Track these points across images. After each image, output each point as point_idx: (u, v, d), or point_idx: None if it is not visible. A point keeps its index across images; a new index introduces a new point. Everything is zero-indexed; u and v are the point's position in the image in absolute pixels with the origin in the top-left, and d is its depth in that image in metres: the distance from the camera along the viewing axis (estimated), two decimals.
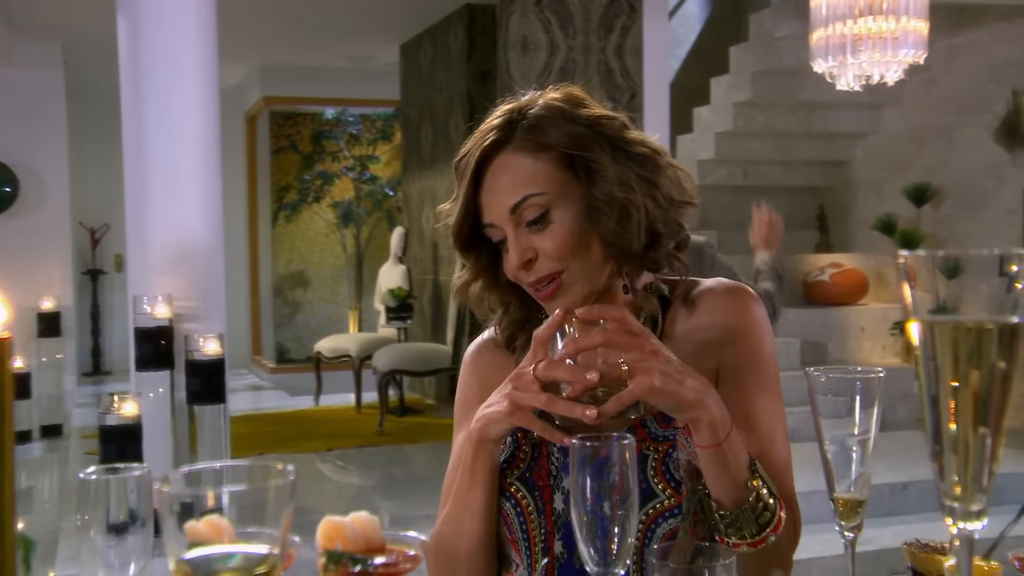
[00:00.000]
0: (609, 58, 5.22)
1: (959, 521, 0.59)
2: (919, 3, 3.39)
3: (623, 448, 0.91)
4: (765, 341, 1.20)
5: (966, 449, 0.57)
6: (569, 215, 1.15)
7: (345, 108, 9.02)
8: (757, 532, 1.06)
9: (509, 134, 1.17)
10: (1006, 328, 0.57)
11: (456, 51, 6.41)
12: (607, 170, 1.15)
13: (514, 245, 1.16)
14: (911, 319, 0.59)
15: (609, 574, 0.92)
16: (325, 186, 9.11)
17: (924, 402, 0.59)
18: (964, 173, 5.94)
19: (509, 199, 1.15)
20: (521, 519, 1.21)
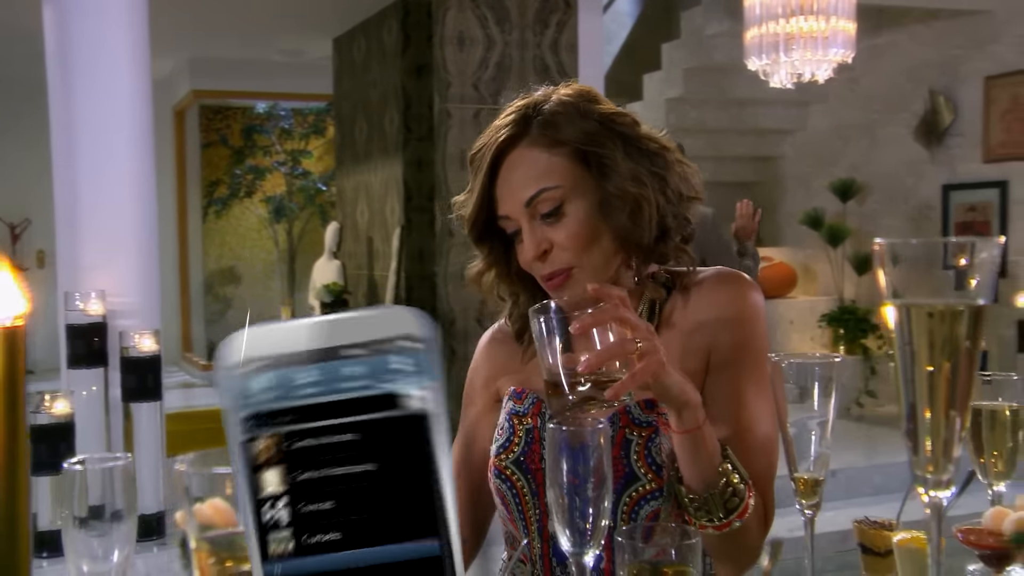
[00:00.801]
0: (545, 54, 5.26)
1: (931, 490, 0.63)
2: (847, 4, 3.50)
3: (599, 433, 0.95)
4: (758, 329, 1.24)
5: (938, 427, 0.62)
6: (582, 208, 1.19)
7: (277, 102, 8.92)
8: (725, 516, 1.11)
9: (524, 129, 1.21)
10: (972, 310, 0.61)
11: (390, 46, 6.39)
12: (619, 165, 1.19)
13: (529, 237, 1.19)
14: (887, 303, 0.63)
15: (584, 554, 0.96)
16: (257, 181, 9.01)
17: (899, 383, 0.63)
18: (886, 169, 6.13)
19: (524, 192, 1.19)
20: (517, 500, 1.25)
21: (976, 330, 0.62)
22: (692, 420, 1.08)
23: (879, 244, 0.65)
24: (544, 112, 1.21)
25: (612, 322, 1.01)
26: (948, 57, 5.79)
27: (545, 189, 1.18)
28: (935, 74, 5.84)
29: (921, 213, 5.91)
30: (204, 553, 0.60)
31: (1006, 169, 5.50)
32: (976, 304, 0.61)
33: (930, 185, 5.86)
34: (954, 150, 5.76)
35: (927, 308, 0.61)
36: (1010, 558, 1.08)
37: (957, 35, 5.75)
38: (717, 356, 1.23)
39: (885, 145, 6.15)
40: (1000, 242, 0.61)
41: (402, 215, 6.21)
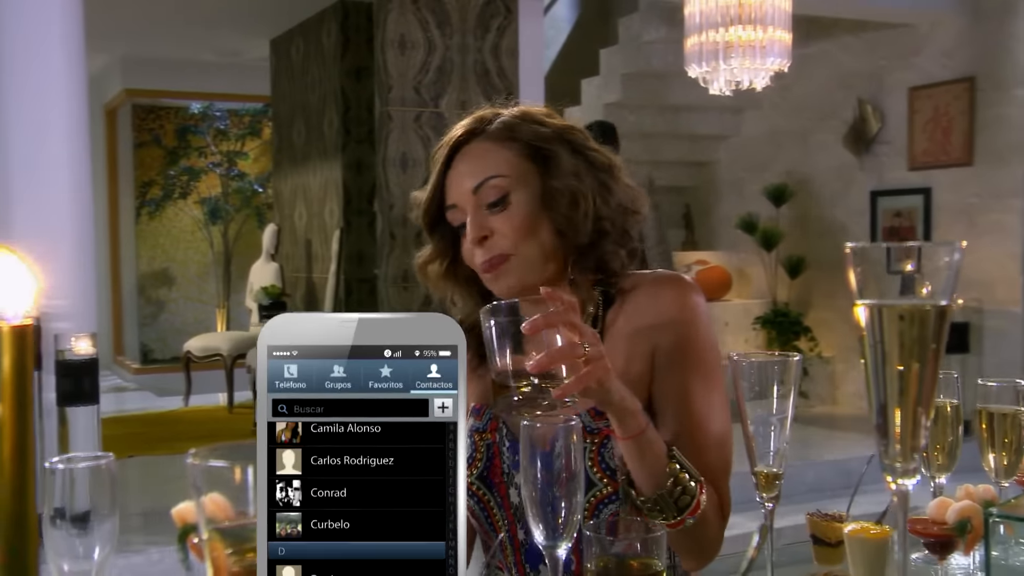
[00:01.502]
0: (486, 58, 5.29)
1: (899, 478, 0.67)
2: (783, 14, 3.60)
3: (570, 430, 0.98)
4: (699, 328, 1.28)
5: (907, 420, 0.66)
6: (526, 200, 1.25)
7: (212, 103, 8.80)
8: (678, 514, 1.14)
9: (483, 128, 1.28)
10: (938, 310, 0.66)
11: (330, 48, 6.36)
12: (564, 163, 1.26)
13: (472, 221, 1.24)
14: (858, 303, 0.68)
15: (557, 547, 0.99)
16: (191, 182, 8.87)
17: (869, 380, 0.68)
18: (817, 175, 6.30)
19: (472, 180, 1.25)
20: (485, 514, 1.30)
21: (941, 329, 0.66)
22: (635, 425, 1.12)
23: (850, 247, 0.69)
24: (504, 115, 1.29)
25: (562, 326, 1.03)
26: (875, 67, 5.97)
27: (492, 177, 1.24)
28: (863, 83, 6.02)
29: (851, 218, 6.08)
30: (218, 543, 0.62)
31: (929, 176, 5.68)
32: (941, 304, 0.66)
33: (859, 191, 6.03)
34: (881, 157, 5.94)
35: (897, 309, 0.65)
36: (953, 546, 1.14)
37: (883, 47, 5.93)
38: (661, 358, 1.26)
39: (816, 151, 6.31)
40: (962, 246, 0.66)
41: (341, 218, 6.19)
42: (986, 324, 5.40)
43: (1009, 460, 1.26)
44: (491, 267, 1.25)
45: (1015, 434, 1.26)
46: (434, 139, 5.16)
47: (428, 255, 1.35)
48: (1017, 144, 5.31)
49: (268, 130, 8.74)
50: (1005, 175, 5.36)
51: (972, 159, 5.48)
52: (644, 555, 1.06)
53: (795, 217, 6.34)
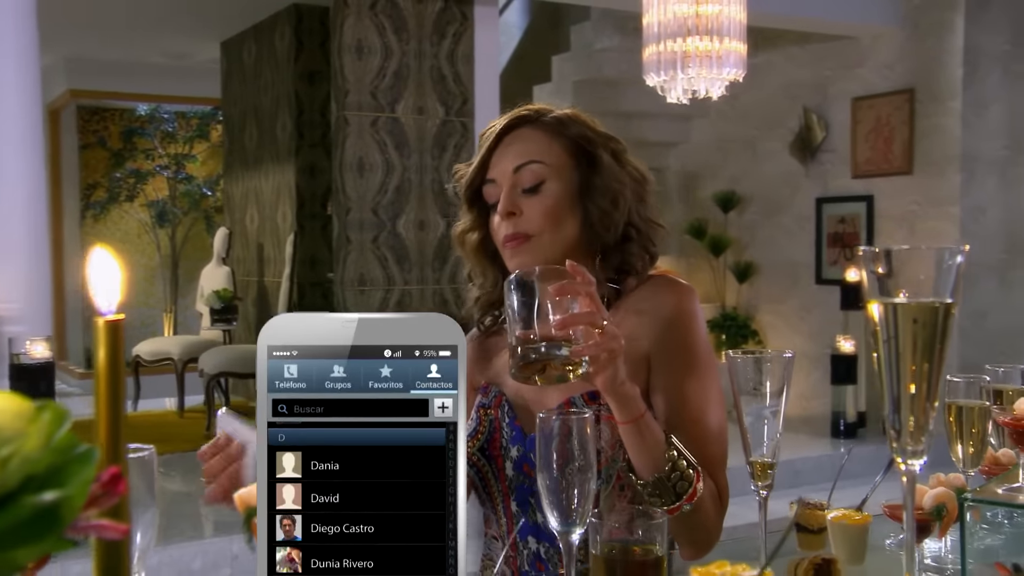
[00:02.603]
0: (442, 64, 5.34)
1: (908, 459, 0.75)
2: (738, 26, 3.70)
3: (584, 422, 1.04)
4: (693, 329, 1.36)
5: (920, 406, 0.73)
6: (560, 190, 1.34)
7: (159, 105, 8.71)
8: (675, 499, 1.21)
9: (536, 118, 1.36)
10: (945, 307, 0.73)
11: (283, 51, 6.35)
12: (607, 165, 1.35)
13: (505, 196, 1.33)
14: (872, 301, 0.75)
15: (571, 532, 1.05)
16: (138, 185, 8.77)
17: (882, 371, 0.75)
18: (765, 182, 6.45)
19: (514, 160, 1.33)
20: (484, 484, 1.38)
21: (947, 324, 0.73)
22: (635, 409, 1.19)
23: (862, 250, 0.76)
24: (557, 112, 1.38)
25: (583, 297, 1.12)
26: (820, 78, 6.14)
27: (533, 162, 1.33)
28: (808, 93, 6.19)
29: (797, 224, 6.24)
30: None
31: (871, 184, 5.86)
32: (947, 302, 0.73)
33: (805, 197, 6.20)
34: (826, 165, 6.11)
35: (909, 306, 0.72)
36: (929, 529, 1.23)
37: (828, 58, 6.10)
38: (657, 357, 1.34)
39: (763, 159, 6.47)
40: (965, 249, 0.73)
41: (294, 221, 6.18)
42: None
43: (975, 450, 1.35)
44: (512, 242, 1.33)
45: (981, 425, 1.35)
46: (391, 144, 5.20)
47: (466, 225, 1.43)
48: (953, 154, 5.51)
49: (217, 133, 8.68)
50: (942, 183, 5.55)
51: (912, 168, 5.66)
52: (646, 541, 1.13)
53: (743, 223, 6.49)
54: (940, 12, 5.53)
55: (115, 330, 0.65)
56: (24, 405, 0.51)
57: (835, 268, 5.96)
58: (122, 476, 0.55)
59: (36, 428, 0.50)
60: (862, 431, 5.55)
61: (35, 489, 0.49)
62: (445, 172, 5.30)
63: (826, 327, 5.87)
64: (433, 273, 5.29)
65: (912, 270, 0.75)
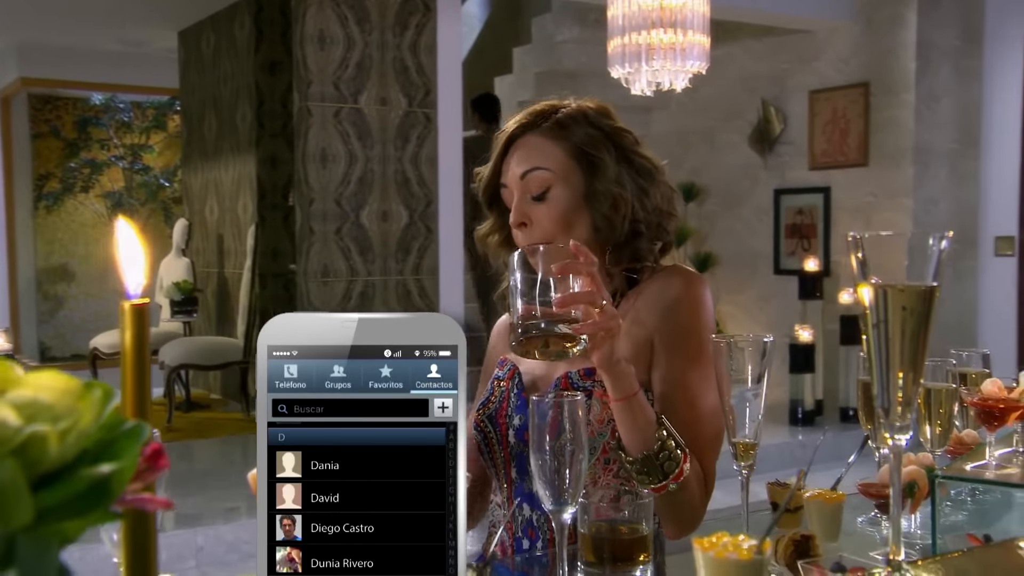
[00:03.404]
0: (404, 55, 5.34)
1: (895, 435, 0.79)
2: (701, 19, 3.76)
3: (576, 404, 1.07)
4: (699, 315, 1.40)
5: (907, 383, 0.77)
6: (566, 196, 1.38)
7: (114, 94, 8.58)
8: (662, 478, 1.25)
9: (541, 122, 1.41)
10: (930, 289, 0.77)
11: (243, 41, 6.30)
12: (608, 169, 1.38)
13: (516, 207, 1.39)
14: (862, 284, 0.79)
15: (562, 511, 1.08)
16: (93, 175, 8.63)
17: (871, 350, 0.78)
18: (724, 174, 6.53)
19: (521, 167, 1.39)
20: (488, 449, 1.44)
21: (931, 306, 0.78)
22: (628, 387, 1.25)
23: (851, 236, 0.80)
24: (560, 113, 1.42)
25: (584, 276, 1.17)
26: (778, 71, 6.23)
27: (538, 168, 1.38)
28: (767, 86, 6.28)
29: (756, 216, 6.33)
30: None
31: (828, 176, 5.97)
32: (931, 285, 0.77)
33: (764, 189, 6.29)
34: (784, 157, 6.20)
35: (897, 288, 0.76)
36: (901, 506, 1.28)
37: (785, 51, 6.19)
38: (660, 340, 1.39)
39: (722, 151, 6.55)
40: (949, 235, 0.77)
41: (255, 213, 6.14)
42: None
43: (943, 429, 1.40)
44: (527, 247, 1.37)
45: (948, 406, 1.40)
46: (354, 135, 5.19)
47: (488, 228, 1.50)
48: (907, 146, 5.63)
49: (174, 123, 8.59)
50: (897, 175, 5.67)
51: (867, 160, 5.78)
52: (632, 520, 1.17)
53: (703, 214, 6.57)
54: (893, 7, 5.64)
55: (140, 314, 0.67)
56: (72, 382, 0.53)
57: (793, 258, 6.06)
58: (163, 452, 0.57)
59: (86, 404, 0.52)
60: (819, 419, 5.66)
61: (88, 463, 0.51)
62: (408, 163, 5.30)
63: (784, 317, 5.97)
64: (396, 264, 5.29)
65: (899, 256, 0.79)
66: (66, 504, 0.50)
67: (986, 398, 1.21)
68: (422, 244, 5.34)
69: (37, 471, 0.49)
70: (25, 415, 0.50)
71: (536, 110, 1.43)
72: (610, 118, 1.42)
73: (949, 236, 0.77)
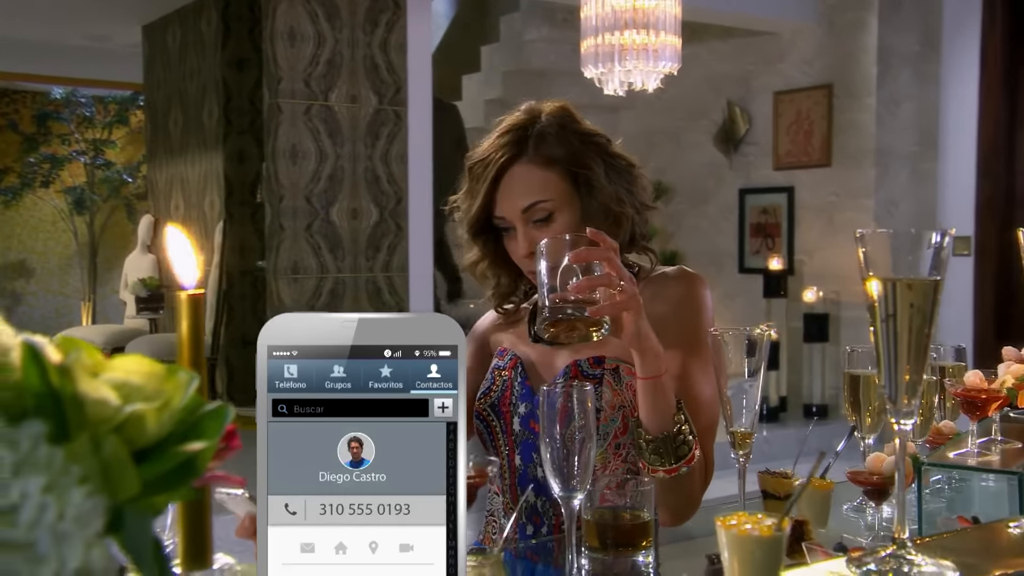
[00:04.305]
0: (375, 52, 5.35)
1: (901, 420, 0.83)
2: (673, 20, 3.81)
3: (585, 395, 1.11)
4: (701, 312, 1.48)
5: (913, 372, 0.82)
6: (569, 217, 1.42)
7: (75, 88, 8.48)
8: (675, 461, 1.30)
9: (521, 149, 1.42)
10: (935, 283, 0.82)
11: (210, 37, 6.27)
12: (603, 186, 1.42)
13: (523, 237, 1.42)
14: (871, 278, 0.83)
15: (572, 498, 1.12)
16: (54, 171, 8.52)
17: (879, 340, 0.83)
18: (690, 173, 6.62)
19: (522, 202, 1.41)
20: (491, 437, 1.48)
21: (935, 299, 0.82)
22: (656, 367, 1.29)
23: (859, 233, 0.84)
24: (535, 133, 1.43)
25: (604, 261, 1.22)
26: (743, 72, 6.32)
27: (540, 202, 1.41)
28: (732, 87, 6.36)
29: (721, 214, 6.42)
30: None
31: (792, 176, 6.07)
32: (936, 279, 0.82)
33: (729, 188, 6.38)
34: (749, 157, 6.30)
35: (904, 282, 0.81)
36: (887, 493, 1.33)
37: (750, 53, 6.29)
38: (664, 334, 1.43)
39: (688, 150, 6.63)
40: (951, 233, 0.82)
41: (223, 209, 6.11)
42: (843, 316, 5.82)
43: (924, 419, 1.46)
44: None
45: (929, 398, 1.46)
46: (324, 132, 5.20)
47: (476, 256, 1.53)
48: (868, 148, 5.75)
49: (136, 118, 8.50)
50: (859, 176, 5.78)
51: (830, 160, 5.88)
52: (634, 507, 1.21)
53: (669, 213, 6.65)
54: (855, 11, 5.75)
55: (196, 303, 0.69)
56: (156, 366, 0.56)
57: (757, 257, 6.16)
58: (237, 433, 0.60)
59: (173, 386, 0.55)
60: (783, 415, 5.76)
61: (177, 441, 0.53)
62: (379, 161, 5.32)
63: (749, 315, 6.06)
64: (367, 262, 5.30)
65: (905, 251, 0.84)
66: (159, 479, 0.53)
67: (970, 389, 1.27)
68: (392, 241, 5.35)
69: (134, 448, 0.52)
70: (121, 396, 0.53)
71: (509, 139, 1.43)
72: (577, 120, 1.47)
73: (951, 234, 0.82)
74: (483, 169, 1.43)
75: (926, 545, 0.89)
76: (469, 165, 1.46)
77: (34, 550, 0.43)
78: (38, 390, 0.51)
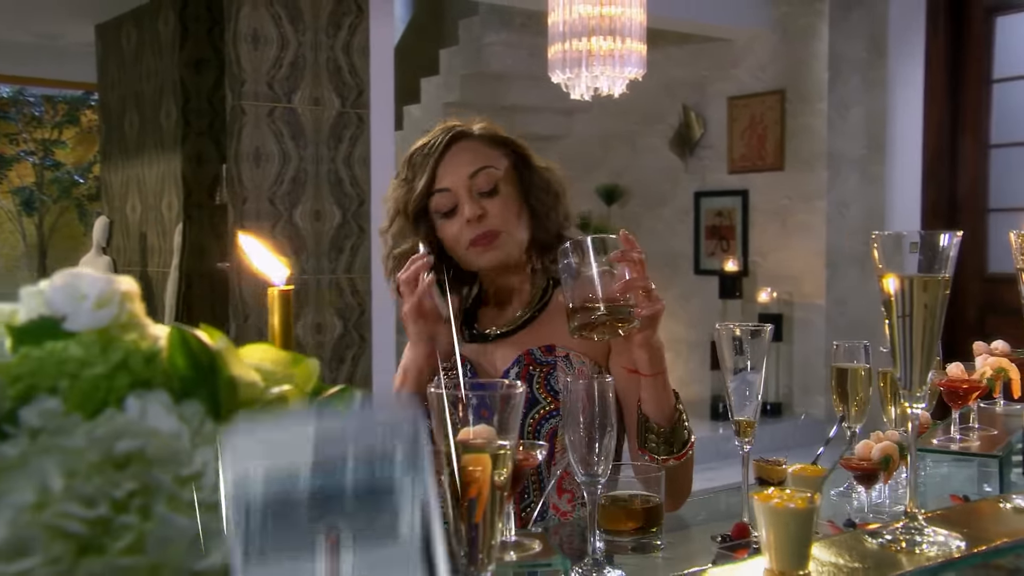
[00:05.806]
0: (338, 55, 5.37)
1: (914, 404, 0.91)
2: (639, 27, 3.91)
3: (606, 387, 1.18)
4: None
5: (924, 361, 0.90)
6: (512, 192, 1.54)
7: (24, 87, 8.35)
8: (680, 448, 1.38)
9: (467, 131, 1.55)
10: (944, 280, 0.90)
11: (167, 37, 6.22)
12: (538, 167, 1.57)
13: (469, 204, 1.50)
14: (887, 275, 0.91)
15: (593, 483, 1.19)
16: (1, 171, 8.39)
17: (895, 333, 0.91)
18: (645, 176, 6.73)
19: (470, 167, 1.51)
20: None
21: (944, 294, 0.90)
22: (661, 364, 1.39)
23: (875, 235, 0.92)
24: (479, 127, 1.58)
25: (636, 265, 1.32)
26: (698, 77, 6.45)
27: (488, 167, 1.51)
28: (687, 91, 6.49)
29: (677, 217, 6.54)
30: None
31: (746, 180, 6.21)
32: (946, 277, 0.90)
33: (684, 191, 6.51)
34: (704, 161, 6.43)
35: (918, 278, 0.89)
36: (876, 477, 1.42)
37: (705, 58, 6.42)
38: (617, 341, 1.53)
39: (644, 154, 6.74)
40: (958, 235, 0.90)
41: (181, 211, 6.08)
42: (795, 316, 5.97)
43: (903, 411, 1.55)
44: (484, 240, 1.50)
45: None
46: (287, 134, 5.20)
47: (410, 245, 1.55)
48: (820, 152, 5.90)
49: (87, 118, 8.39)
50: (811, 179, 5.94)
51: (783, 164, 6.03)
52: (645, 491, 1.29)
53: (626, 215, 6.75)
54: (807, 18, 5.91)
55: (286, 299, 0.75)
56: (282, 354, 0.61)
57: (713, 259, 6.29)
58: None
59: (301, 371, 0.60)
60: None
61: None
62: (341, 163, 5.34)
63: (705, 315, 6.19)
64: (329, 263, 5.32)
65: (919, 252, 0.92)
66: None
67: (952, 380, 1.36)
68: (355, 243, 5.38)
69: None
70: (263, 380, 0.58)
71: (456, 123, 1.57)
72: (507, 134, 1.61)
73: (959, 235, 0.90)
74: (427, 151, 1.53)
75: (931, 519, 0.97)
76: (409, 154, 1.55)
77: (220, 510, 0.49)
78: (184, 374, 0.56)
